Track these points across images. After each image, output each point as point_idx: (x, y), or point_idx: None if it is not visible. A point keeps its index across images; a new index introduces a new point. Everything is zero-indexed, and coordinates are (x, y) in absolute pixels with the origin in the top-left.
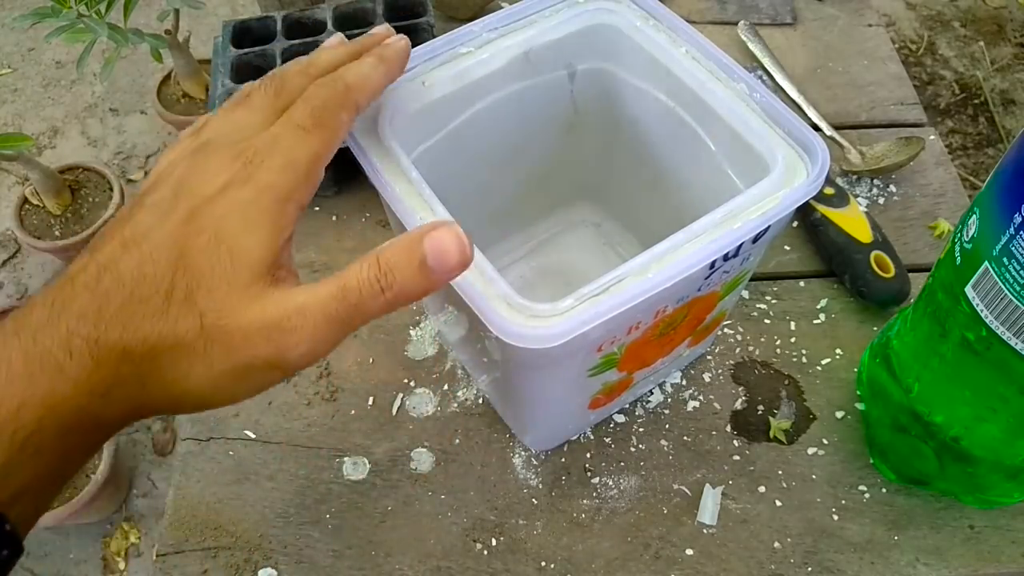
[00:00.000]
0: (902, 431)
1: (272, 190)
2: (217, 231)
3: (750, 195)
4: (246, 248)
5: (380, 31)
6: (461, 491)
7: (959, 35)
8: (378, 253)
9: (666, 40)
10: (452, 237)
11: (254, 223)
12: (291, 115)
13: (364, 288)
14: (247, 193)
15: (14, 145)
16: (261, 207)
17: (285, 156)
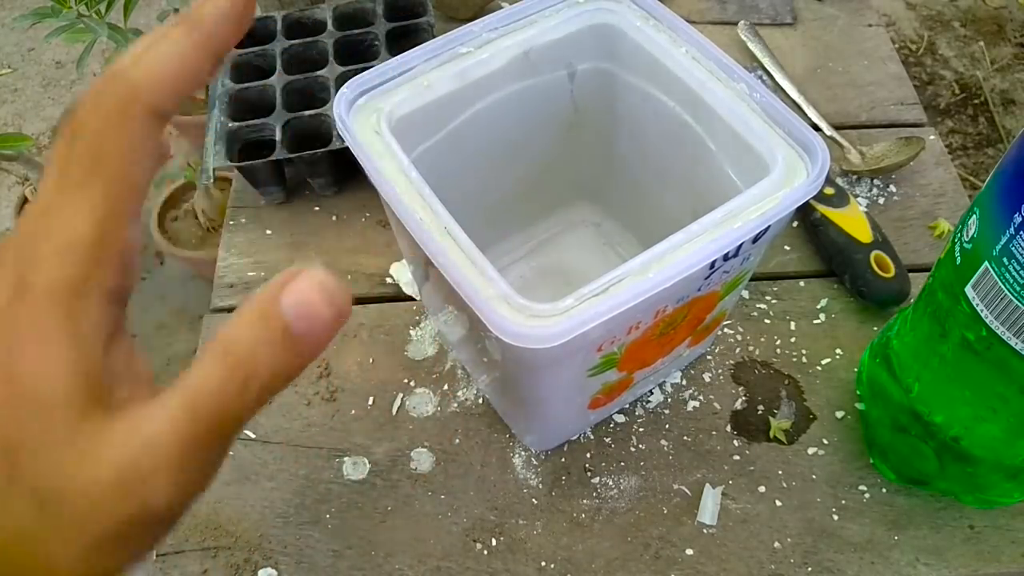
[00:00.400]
0: (902, 431)
1: (52, 293)
2: (9, 371)
3: (750, 195)
4: (46, 385)
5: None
6: (461, 491)
7: (959, 35)
8: (224, 341)
9: (666, 40)
10: (311, 284)
11: (43, 347)
12: (63, 172)
13: (219, 393)
14: (25, 307)
15: (14, 145)
16: (44, 322)
17: (59, 238)
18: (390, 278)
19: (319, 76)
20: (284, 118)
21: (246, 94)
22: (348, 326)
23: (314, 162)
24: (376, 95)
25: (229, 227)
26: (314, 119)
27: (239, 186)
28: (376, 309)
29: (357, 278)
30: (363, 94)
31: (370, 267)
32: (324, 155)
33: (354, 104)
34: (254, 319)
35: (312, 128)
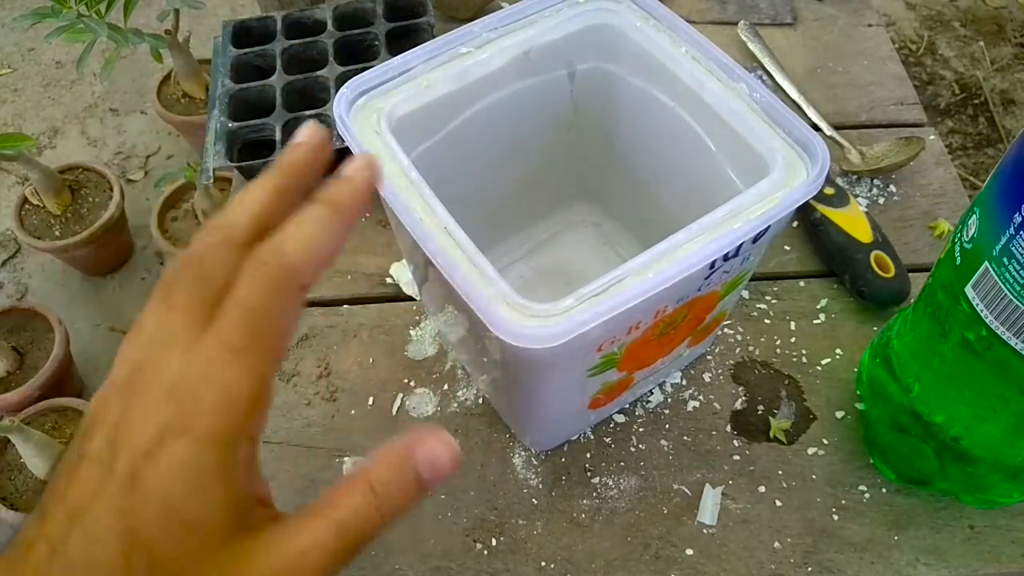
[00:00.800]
0: (902, 431)
1: (213, 439)
2: (164, 500)
3: (750, 195)
4: (201, 516)
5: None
6: (461, 491)
7: (959, 35)
8: (369, 477)
9: (666, 40)
10: (442, 444)
11: (202, 485)
12: (220, 331)
13: (362, 519)
14: (185, 447)
15: (14, 145)
16: (204, 464)
17: (223, 393)
18: (390, 278)
19: (319, 76)
20: (284, 118)
21: (246, 94)
22: (348, 326)
23: None
24: (376, 95)
25: None
26: (314, 119)
27: (239, 186)
28: (376, 309)
29: (357, 278)
30: (363, 94)
31: (370, 267)
32: None
33: (354, 104)
34: (393, 463)
35: None
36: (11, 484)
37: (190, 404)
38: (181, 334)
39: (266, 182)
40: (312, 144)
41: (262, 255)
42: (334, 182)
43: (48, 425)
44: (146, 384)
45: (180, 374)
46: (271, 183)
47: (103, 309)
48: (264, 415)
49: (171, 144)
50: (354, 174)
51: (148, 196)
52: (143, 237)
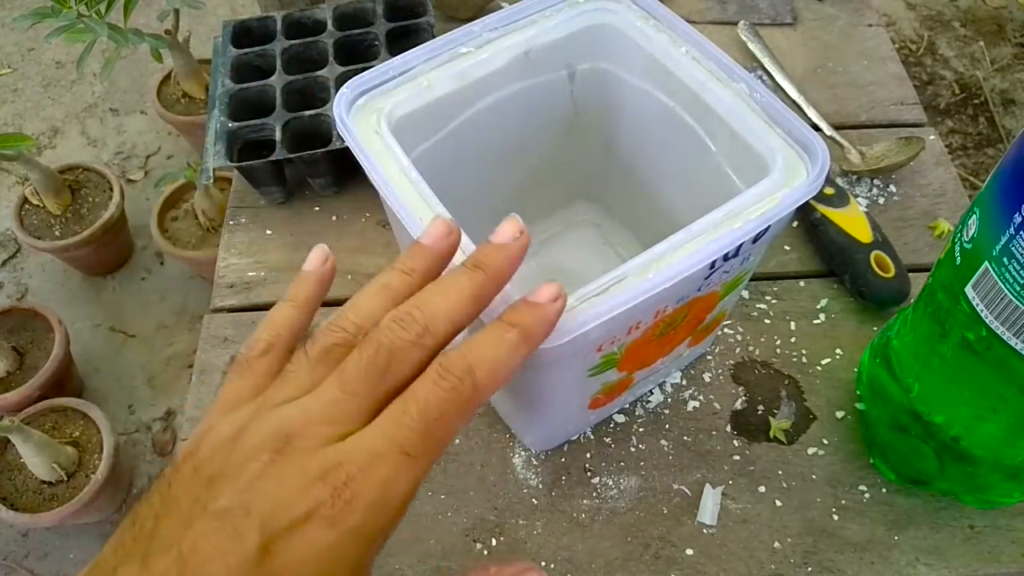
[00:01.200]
0: (902, 431)
1: (359, 535)
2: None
3: (750, 195)
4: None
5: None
6: (461, 491)
7: (959, 35)
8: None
9: (666, 40)
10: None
11: (335, 573)
12: (398, 430)
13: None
14: (329, 536)
15: (14, 145)
16: (343, 556)
17: (381, 491)
18: None
19: (319, 76)
20: (284, 118)
21: (246, 94)
22: None
23: (314, 162)
24: (376, 95)
25: (229, 227)
26: (314, 119)
27: (239, 186)
28: None
29: (357, 278)
30: (363, 94)
31: (370, 267)
32: (324, 155)
33: (354, 104)
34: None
35: (312, 128)
36: (11, 484)
37: (347, 494)
38: (352, 415)
39: (465, 289)
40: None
41: (455, 369)
42: (525, 306)
43: (48, 425)
44: (298, 454)
45: (341, 459)
46: (472, 290)
47: (103, 309)
48: (400, 519)
49: (171, 144)
50: (545, 302)
51: (148, 196)
52: (143, 237)
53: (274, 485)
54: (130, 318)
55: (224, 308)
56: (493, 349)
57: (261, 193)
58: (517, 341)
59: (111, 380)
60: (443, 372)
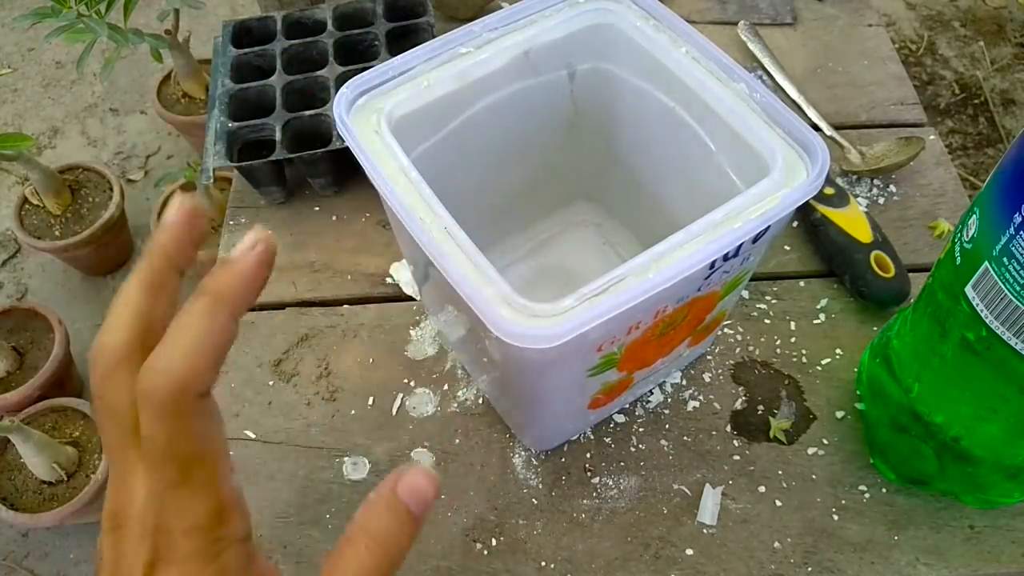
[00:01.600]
0: (902, 431)
1: (196, 558)
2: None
3: (750, 195)
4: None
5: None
6: (461, 491)
7: (959, 35)
8: (366, 529)
9: (666, 40)
10: (419, 475)
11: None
12: (155, 473)
13: (373, 569)
14: (172, 572)
15: (14, 145)
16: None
17: (184, 519)
18: (390, 278)
19: (319, 76)
20: (284, 118)
21: (246, 94)
22: (348, 326)
23: (314, 162)
24: (376, 95)
25: (229, 227)
26: (314, 119)
27: (239, 186)
28: (376, 309)
29: (357, 278)
30: (363, 94)
31: (370, 267)
32: (324, 155)
33: (354, 104)
34: (383, 510)
35: (312, 128)
36: (11, 484)
37: (163, 537)
38: (131, 476)
39: (137, 279)
40: (178, 222)
41: (146, 385)
42: (216, 267)
43: (48, 425)
44: (124, 530)
45: (144, 514)
46: (142, 279)
47: (103, 309)
48: (239, 516)
49: (171, 144)
50: (239, 257)
51: (148, 196)
52: (143, 237)
53: (121, 563)
54: None
55: None
56: (181, 332)
57: (261, 193)
58: (207, 307)
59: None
60: (141, 395)
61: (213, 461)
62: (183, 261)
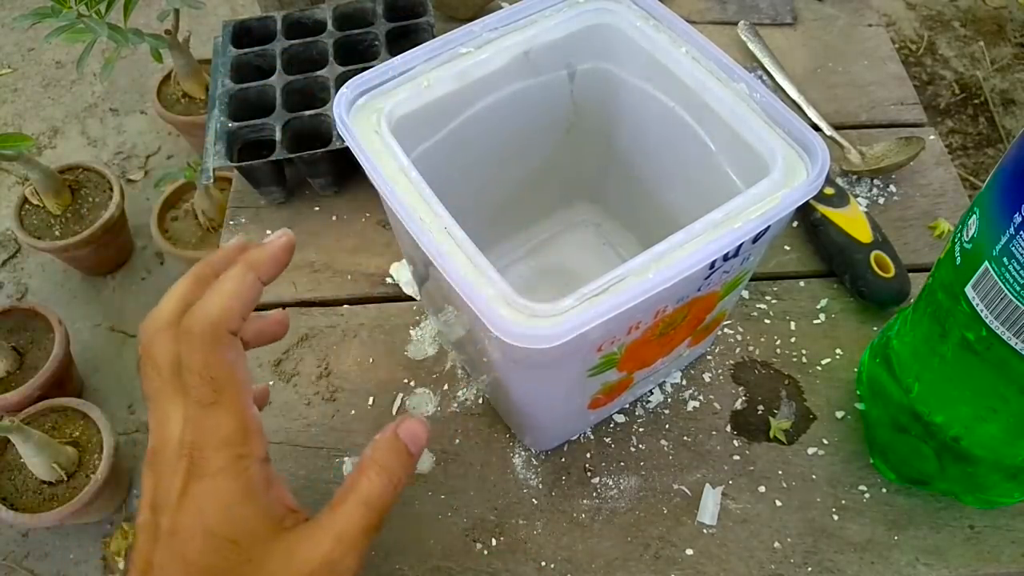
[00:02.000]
0: (902, 431)
1: (225, 471)
2: (204, 530)
3: (750, 195)
4: (238, 532)
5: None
6: (461, 491)
7: (959, 35)
8: (375, 459)
9: (666, 40)
10: (417, 423)
11: (230, 507)
12: (191, 396)
13: (384, 493)
14: (205, 485)
15: (14, 145)
16: (225, 490)
17: (214, 435)
18: (390, 278)
19: (319, 76)
20: (284, 118)
21: (246, 94)
22: (348, 326)
23: (314, 162)
24: (376, 95)
25: (229, 227)
26: (314, 119)
27: (239, 186)
28: (376, 309)
29: (357, 278)
30: (363, 94)
31: (370, 267)
32: (324, 155)
33: (354, 104)
34: (388, 447)
35: (312, 128)
36: (11, 484)
37: (196, 453)
38: (170, 410)
39: (193, 273)
40: (279, 249)
41: (186, 323)
42: (251, 247)
43: (48, 425)
44: (162, 455)
45: (181, 436)
46: (196, 272)
47: (103, 309)
48: (260, 439)
49: (171, 144)
50: (267, 241)
51: (148, 196)
52: (143, 237)
53: (157, 489)
54: (130, 318)
55: None
56: (218, 286)
57: (261, 193)
58: (242, 271)
59: (111, 380)
60: (182, 332)
61: (239, 386)
62: (265, 276)
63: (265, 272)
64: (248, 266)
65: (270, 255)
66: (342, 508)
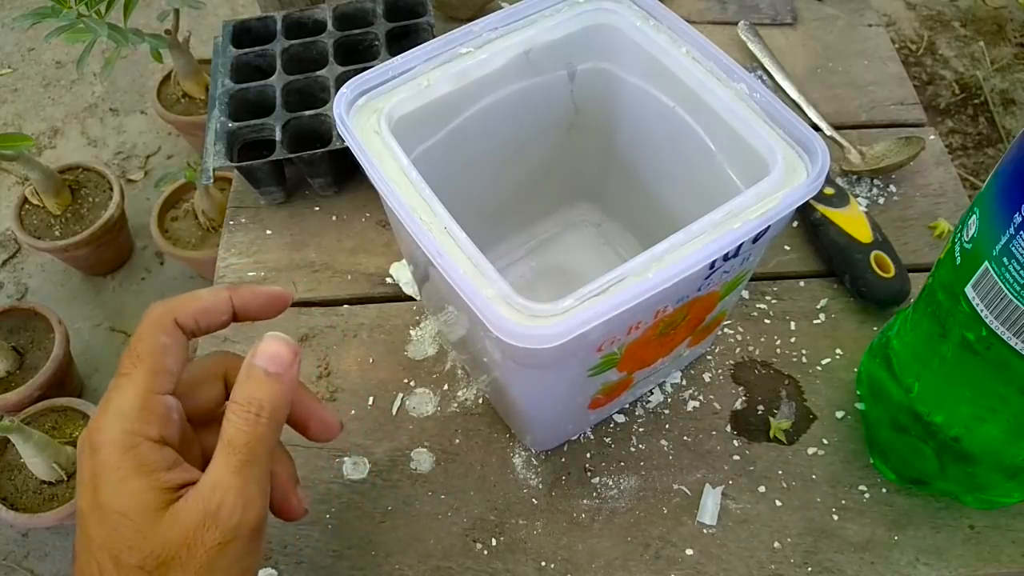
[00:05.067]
0: (902, 431)
1: (112, 443)
2: (98, 501)
3: (750, 195)
4: (127, 504)
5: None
6: (461, 491)
7: (959, 35)
8: (233, 398)
9: (666, 40)
10: (273, 342)
11: (119, 481)
12: (121, 363)
13: (243, 428)
14: (91, 457)
15: (14, 145)
16: (112, 464)
17: (113, 407)
18: (390, 278)
19: (319, 76)
20: (284, 118)
21: (246, 94)
22: (348, 326)
23: (314, 162)
24: (376, 95)
25: (229, 227)
26: (314, 119)
27: (239, 186)
28: (376, 309)
29: (357, 278)
30: (363, 94)
31: (370, 267)
32: (324, 155)
33: (354, 104)
34: (243, 375)
35: (312, 128)
36: (11, 484)
37: (97, 425)
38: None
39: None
40: (266, 299)
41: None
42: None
43: (48, 425)
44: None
45: (98, 408)
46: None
47: (103, 309)
48: (159, 422)
49: (171, 144)
50: (265, 287)
51: (148, 196)
52: (143, 237)
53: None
54: (130, 318)
55: None
56: (196, 297)
57: (261, 193)
58: (220, 288)
59: (111, 380)
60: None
61: (156, 367)
62: (238, 300)
63: (240, 296)
64: (228, 286)
65: (254, 288)
66: (213, 459)
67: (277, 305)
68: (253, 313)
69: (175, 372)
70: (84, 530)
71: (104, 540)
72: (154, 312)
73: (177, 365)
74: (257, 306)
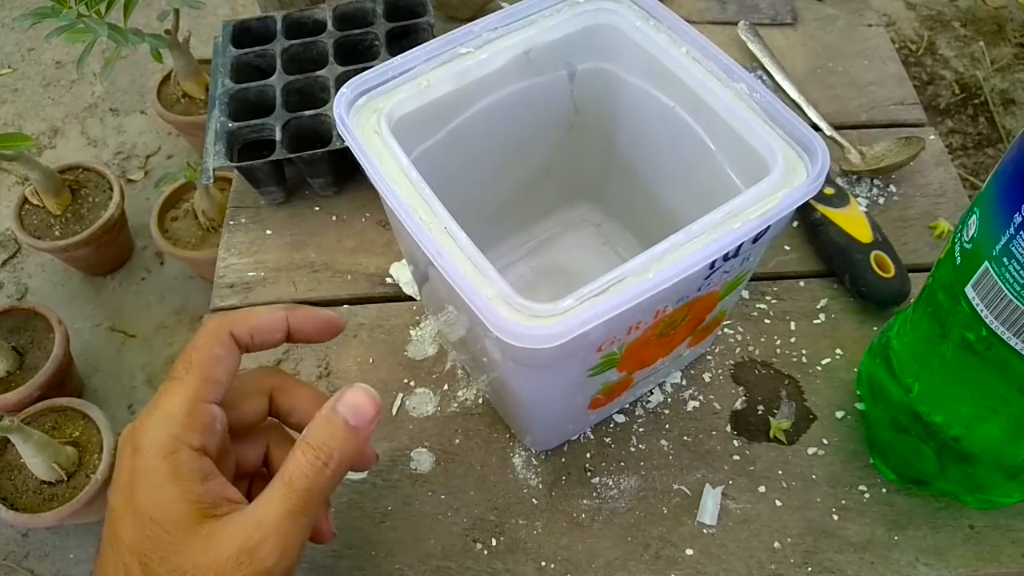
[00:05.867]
0: (902, 431)
1: (154, 448)
2: (133, 508)
3: (750, 195)
4: (163, 512)
5: None
6: (461, 491)
7: (959, 35)
8: (305, 438)
9: (666, 40)
10: (360, 393)
11: (156, 488)
12: (173, 368)
13: (307, 472)
14: (134, 460)
15: (14, 145)
16: (152, 469)
17: (159, 410)
18: (390, 278)
19: (319, 76)
20: (284, 118)
21: (246, 94)
22: (348, 326)
23: (314, 162)
24: (376, 95)
25: (229, 227)
26: (314, 119)
27: (239, 186)
28: (376, 309)
29: (357, 278)
30: (363, 94)
31: (370, 267)
32: (324, 155)
33: (354, 104)
34: (323, 421)
35: (312, 128)
36: (11, 484)
37: (141, 427)
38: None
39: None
40: (324, 325)
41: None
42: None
43: (48, 425)
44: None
45: (145, 410)
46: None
47: (103, 309)
48: (203, 432)
49: (171, 144)
50: (322, 312)
51: (148, 196)
52: (143, 237)
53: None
54: (130, 318)
55: (224, 308)
56: (256, 313)
57: (261, 193)
58: (279, 307)
59: (111, 380)
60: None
61: (207, 376)
62: (294, 320)
63: (296, 317)
64: (286, 306)
65: (311, 310)
66: (266, 492)
67: (331, 329)
68: (307, 335)
69: (224, 383)
70: (113, 529)
71: (134, 543)
72: (211, 323)
73: (227, 376)
74: (312, 329)
